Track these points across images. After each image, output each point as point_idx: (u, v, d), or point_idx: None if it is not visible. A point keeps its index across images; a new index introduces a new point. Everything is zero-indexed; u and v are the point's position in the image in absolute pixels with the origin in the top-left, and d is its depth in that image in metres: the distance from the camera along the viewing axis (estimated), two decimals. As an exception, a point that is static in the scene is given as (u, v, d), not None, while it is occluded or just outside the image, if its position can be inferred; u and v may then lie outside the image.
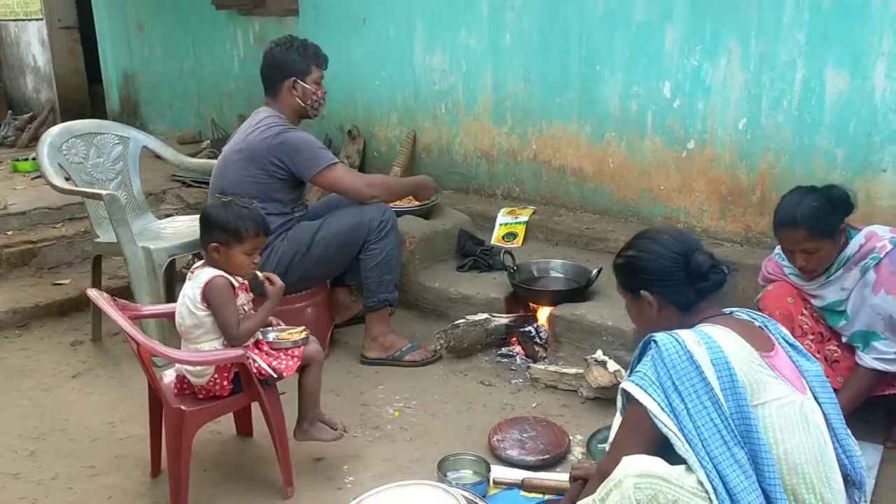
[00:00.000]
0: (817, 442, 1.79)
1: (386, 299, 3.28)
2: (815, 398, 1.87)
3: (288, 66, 3.25)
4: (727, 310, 1.97)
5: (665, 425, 1.73)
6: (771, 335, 1.93)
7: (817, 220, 2.44)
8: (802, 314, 2.67)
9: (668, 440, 1.74)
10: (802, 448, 1.76)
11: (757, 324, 1.95)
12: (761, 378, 1.78)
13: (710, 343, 1.77)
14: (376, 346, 3.36)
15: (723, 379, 1.74)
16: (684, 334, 1.79)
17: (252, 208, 2.49)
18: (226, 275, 2.42)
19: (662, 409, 1.74)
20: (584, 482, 2.19)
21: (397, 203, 4.21)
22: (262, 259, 2.88)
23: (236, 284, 2.44)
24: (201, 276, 2.41)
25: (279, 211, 3.18)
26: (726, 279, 1.93)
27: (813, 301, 2.65)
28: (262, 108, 3.31)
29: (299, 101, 3.27)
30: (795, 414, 1.78)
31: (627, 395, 1.81)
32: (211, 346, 2.41)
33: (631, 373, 1.87)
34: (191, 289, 2.40)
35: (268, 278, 2.52)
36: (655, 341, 1.80)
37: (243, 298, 2.47)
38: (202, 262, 2.49)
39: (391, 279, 3.27)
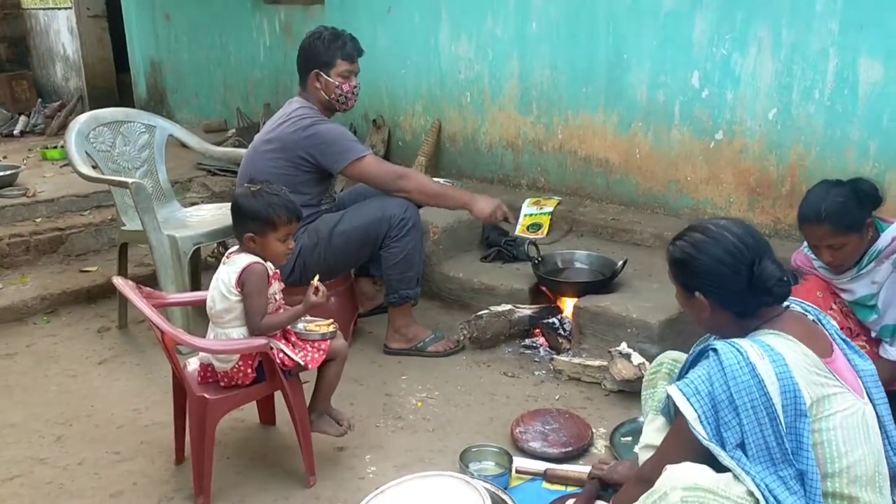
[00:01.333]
0: (878, 449, 1.76)
1: (407, 295, 3.26)
2: (870, 398, 1.83)
3: (312, 58, 3.22)
4: (785, 303, 1.88)
5: (703, 437, 1.70)
6: (827, 333, 1.87)
7: (842, 216, 2.39)
8: (832, 308, 2.62)
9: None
10: (864, 459, 1.72)
11: (810, 317, 1.90)
12: (826, 391, 1.72)
13: (774, 356, 1.70)
14: (399, 337, 3.35)
15: (786, 395, 1.67)
16: (746, 345, 1.72)
17: (282, 195, 2.49)
18: (262, 262, 2.42)
19: (701, 420, 1.70)
20: (600, 482, 2.17)
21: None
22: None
23: (271, 273, 2.44)
24: (238, 261, 2.40)
25: (306, 202, 3.15)
26: (790, 292, 1.83)
27: (843, 295, 2.60)
28: (295, 99, 3.29)
29: (324, 94, 3.23)
30: (858, 424, 1.73)
31: (672, 401, 1.78)
32: (240, 332, 2.41)
33: (681, 375, 1.82)
34: (226, 273, 2.40)
35: (316, 287, 2.44)
36: (715, 350, 1.74)
37: (276, 287, 2.47)
38: (237, 247, 2.49)
39: (413, 275, 3.23)
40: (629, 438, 2.60)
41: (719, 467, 1.70)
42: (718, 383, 1.70)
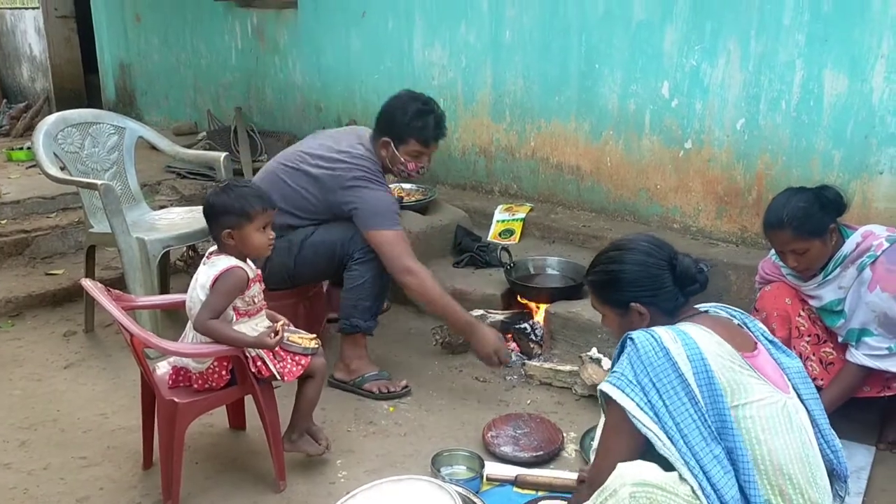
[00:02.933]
0: (801, 441, 1.80)
1: (357, 326, 3.05)
2: (798, 395, 1.88)
3: (389, 124, 3.05)
4: (703, 307, 1.98)
5: (644, 425, 1.74)
6: (751, 333, 1.93)
7: (803, 221, 2.45)
8: (800, 315, 2.68)
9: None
10: (786, 448, 1.76)
11: (736, 321, 1.96)
12: (741, 378, 1.77)
13: (687, 339, 1.77)
14: (343, 368, 3.14)
15: (699, 375, 1.74)
16: (661, 331, 1.79)
17: (251, 186, 2.47)
18: (244, 265, 2.39)
19: (641, 408, 1.74)
20: None
21: (396, 195, 4.20)
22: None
23: (251, 276, 2.41)
24: (219, 263, 2.37)
25: (302, 223, 3.07)
26: (708, 278, 1.94)
27: (811, 302, 2.65)
28: (364, 138, 3.10)
29: (387, 161, 3.07)
30: (778, 414, 1.78)
31: (606, 397, 1.81)
32: None
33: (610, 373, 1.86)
34: (205, 274, 2.37)
35: (275, 330, 2.36)
36: (632, 338, 1.80)
37: (256, 289, 2.44)
38: (216, 248, 2.45)
39: (368, 306, 3.04)
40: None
41: (668, 466, 1.74)
42: (639, 369, 1.76)
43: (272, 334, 2.35)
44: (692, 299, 1.96)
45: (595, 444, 2.00)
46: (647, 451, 1.77)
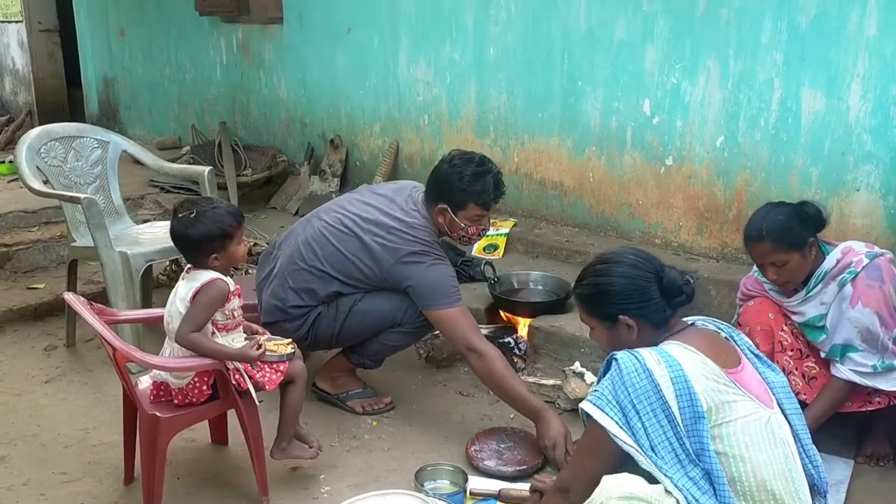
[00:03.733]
0: (785, 456, 1.82)
1: (364, 364, 3.06)
2: (782, 409, 1.90)
3: (444, 191, 2.82)
4: (689, 320, 2.00)
5: (625, 443, 1.76)
6: (737, 347, 1.95)
7: (783, 233, 2.49)
8: (783, 330, 2.70)
9: (628, 456, 1.77)
10: (770, 464, 1.78)
11: (723, 335, 1.97)
12: (725, 398, 1.79)
13: (671, 362, 1.78)
14: (328, 380, 3.11)
15: (682, 398, 1.75)
16: (645, 352, 1.80)
17: (219, 204, 2.46)
18: (227, 280, 2.39)
19: (621, 427, 1.76)
20: (541, 495, 2.21)
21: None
22: (300, 323, 2.84)
23: (231, 289, 2.41)
24: (199, 276, 2.36)
25: (348, 290, 2.91)
26: (694, 290, 1.96)
27: (793, 317, 2.68)
28: (417, 198, 2.90)
29: (445, 228, 2.88)
30: (762, 430, 1.80)
31: (587, 415, 1.83)
32: None
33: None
34: (184, 288, 2.37)
35: (258, 345, 2.37)
36: (616, 359, 1.81)
37: (235, 303, 2.44)
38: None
39: (384, 357, 3.07)
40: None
41: (652, 479, 1.76)
42: (620, 390, 1.77)
43: (255, 347, 2.35)
44: (679, 311, 1.98)
45: None
46: (629, 464, 1.78)
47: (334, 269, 2.84)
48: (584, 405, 1.83)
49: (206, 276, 2.36)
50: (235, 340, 2.44)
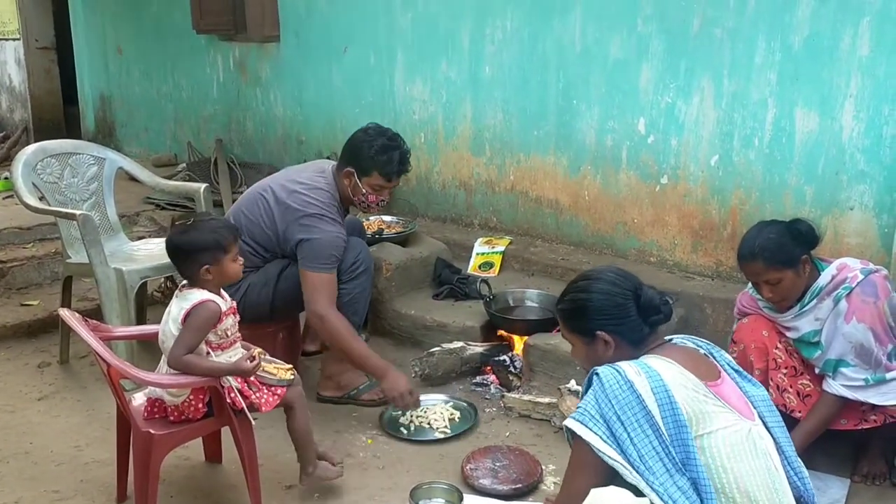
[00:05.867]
0: (767, 467, 1.82)
1: None
2: (764, 423, 1.91)
3: (353, 156, 3.09)
4: (668, 337, 2.03)
5: (610, 458, 1.77)
6: (717, 363, 1.97)
7: (775, 252, 2.50)
8: (777, 347, 2.71)
9: (615, 471, 1.77)
10: (752, 474, 1.79)
11: (702, 351, 2.00)
12: (705, 408, 1.81)
13: (651, 373, 1.81)
14: (332, 385, 3.23)
15: (663, 407, 1.77)
16: (625, 365, 1.83)
17: (216, 218, 2.48)
18: (217, 299, 2.38)
19: (605, 441, 1.77)
20: None
21: (377, 227, 4.23)
22: (233, 290, 2.83)
23: (224, 308, 2.40)
24: (191, 297, 2.35)
25: (266, 255, 3.12)
26: (672, 310, 2.00)
27: (787, 334, 2.68)
28: (327, 172, 3.15)
29: (349, 192, 3.11)
30: (742, 441, 1.81)
31: (572, 432, 1.84)
32: None
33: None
34: (177, 308, 2.36)
35: (251, 357, 2.39)
36: (597, 374, 1.83)
37: (230, 321, 2.44)
38: (187, 282, 2.45)
39: (356, 321, 3.10)
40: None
41: (639, 493, 1.76)
42: (604, 403, 1.79)
43: (249, 360, 2.35)
44: (658, 330, 2.00)
45: None
46: (616, 479, 1.78)
47: (248, 237, 3.01)
48: (568, 422, 1.85)
49: (197, 296, 2.35)
50: (233, 358, 2.43)
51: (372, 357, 3.00)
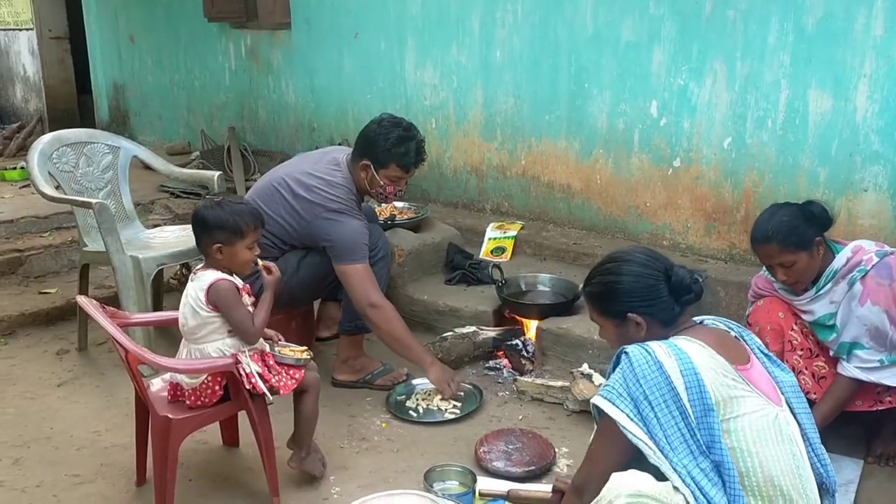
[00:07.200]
0: (792, 453, 1.82)
1: (364, 326, 3.16)
2: (791, 409, 1.91)
3: (369, 148, 3.08)
4: (698, 319, 2.01)
5: (636, 436, 1.76)
6: (747, 346, 1.96)
7: (788, 234, 2.50)
8: (793, 329, 2.71)
9: (639, 451, 1.77)
10: (777, 459, 1.79)
11: (733, 334, 1.98)
12: (734, 392, 1.80)
13: (680, 354, 1.80)
14: (347, 369, 3.28)
15: (691, 390, 1.76)
16: (655, 345, 1.82)
17: (246, 203, 2.51)
18: (229, 277, 2.43)
19: (632, 419, 1.77)
20: (563, 495, 2.22)
21: (389, 213, 4.25)
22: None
23: (240, 286, 2.44)
24: (204, 277, 2.41)
25: (283, 247, 3.14)
26: (703, 288, 1.97)
27: (803, 316, 2.68)
28: (342, 164, 3.13)
29: (366, 184, 3.11)
30: (769, 426, 1.80)
31: (599, 409, 1.84)
32: (216, 346, 2.41)
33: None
34: (193, 290, 2.41)
35: (266, 267, 2.53)
36: (626, 353, 1.82)
37: (246, 301, 2.47)
38: (202, 264, 2.49)
39: None
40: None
41: (661, 476, 1.76)
42: (632, 383, 1.78)
43: (262, 270, 2.54)
44: (688, 310, 1.98)
45: None
46: (639, 460, 1.79)
47: (265, 229, 2.97)
48: (595, 399, 1.84)
49: (211, 276, 2.40)
50: None
51: (422, 349, 3.11)
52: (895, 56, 3.10)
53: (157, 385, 2.53)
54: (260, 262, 2.54)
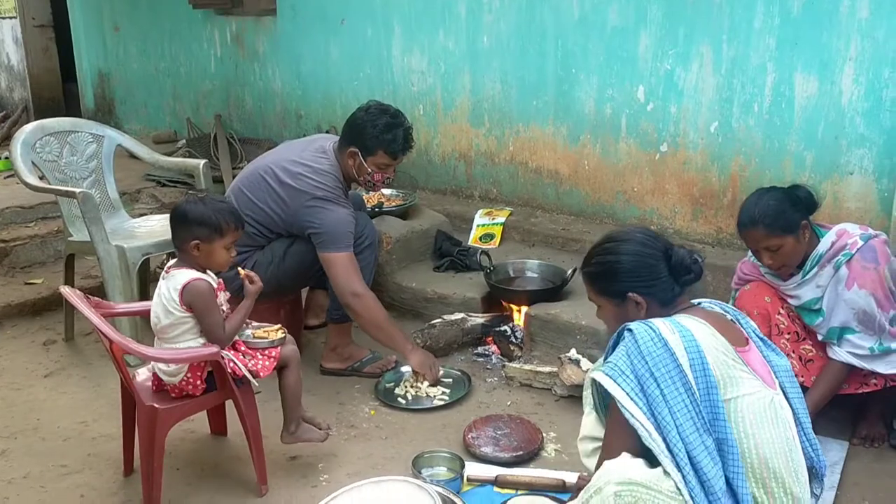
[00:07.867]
0: (786, 437, 1.83)
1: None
2: (784, 393, 1.91)
3: (357, 135, 3.05)
4: (696, 301, 2.01)
5: (632, 415, 1.75)
6: (743, 329, 1.96)
7: (775, 218, 2.50)
8: (779, 313, 2.71)
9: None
10: (772, 442, 1.79)
11: (729, 317, 1.98)
12: (734, 373, 1.80)
13: (684, 331, 1.79)
14: (335, 357, 3.28)
15: (695, 366, 1.76)
16: (658, 322, 1.81)
17: (228, 202, 2.49)
18: (205, 276, 2.40)
19: (631, 398, 1.76)
20: None
21: (377, 200, 4.24)
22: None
23: (215, 284, 2.43)
24: (178, 276, 2.37)
25: (270, 236, 3.12)
26: (703, 269, 1.97)
27: (790, 301, 2.69)
28: (328, 152, 3.10)
29: (353, 171, 3.10)
30: (765, 409, 1.81)
31: (599, 390, 1.83)
32: (189, 345, 2.40)
33: (605, 361, 1.88)
34: (167, 288, 2.38)
35: (248, 276, 2.51)
36: (630, 329, 1.81)
37: (221, 298, 2.46)
38: (175, 260, 2.47)
39: None
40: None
41: (655, 462, 1.76)
42: (637, 359, 1.77)
43: (245, 279, 2.52)
44: (687, 290, 1.98)
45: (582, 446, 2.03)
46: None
47: (251, 218, 3.02)
48: (596, 374, 1.82)
49: (185, 275, 2.37)
50: None
51: (401, 334, 3.12)
52: (880, 38, 3.10)
53: (143, 375, 2.53)
54: (242, 271, 2.53)
